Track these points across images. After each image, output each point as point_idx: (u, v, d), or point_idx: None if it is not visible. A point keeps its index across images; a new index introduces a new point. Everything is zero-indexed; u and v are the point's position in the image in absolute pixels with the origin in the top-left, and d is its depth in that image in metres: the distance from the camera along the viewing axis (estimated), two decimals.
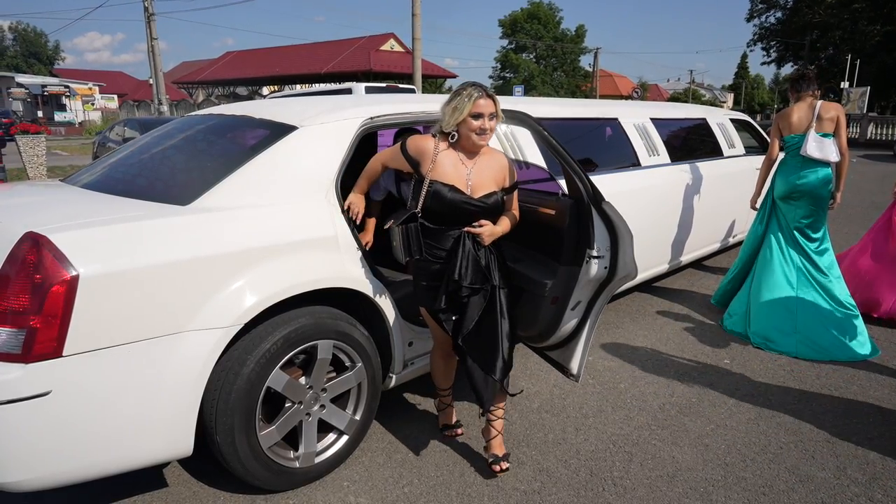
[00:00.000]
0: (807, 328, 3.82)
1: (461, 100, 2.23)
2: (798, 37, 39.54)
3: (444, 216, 2.30)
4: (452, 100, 2.26)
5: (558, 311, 2.69)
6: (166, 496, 2.39)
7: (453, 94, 2.29)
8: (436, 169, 2.27)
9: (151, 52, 22.70)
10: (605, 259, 2.53)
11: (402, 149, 2.35)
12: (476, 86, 2.26)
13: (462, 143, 2.31)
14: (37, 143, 11.20)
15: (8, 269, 1.82)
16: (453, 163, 2.30)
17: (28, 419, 1.80)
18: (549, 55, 49.44)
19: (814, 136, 3.94)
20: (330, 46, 34.14)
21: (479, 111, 2.23)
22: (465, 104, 2.22)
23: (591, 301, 2.66)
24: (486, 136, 2.29)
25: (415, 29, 18.02)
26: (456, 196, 2.27)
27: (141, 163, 2.74)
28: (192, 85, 39.45)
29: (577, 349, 2.69)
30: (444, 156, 2.29)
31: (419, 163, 2.30)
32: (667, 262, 4.64)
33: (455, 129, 2.27)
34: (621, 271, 2.51)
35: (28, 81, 34.07)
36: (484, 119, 2.24)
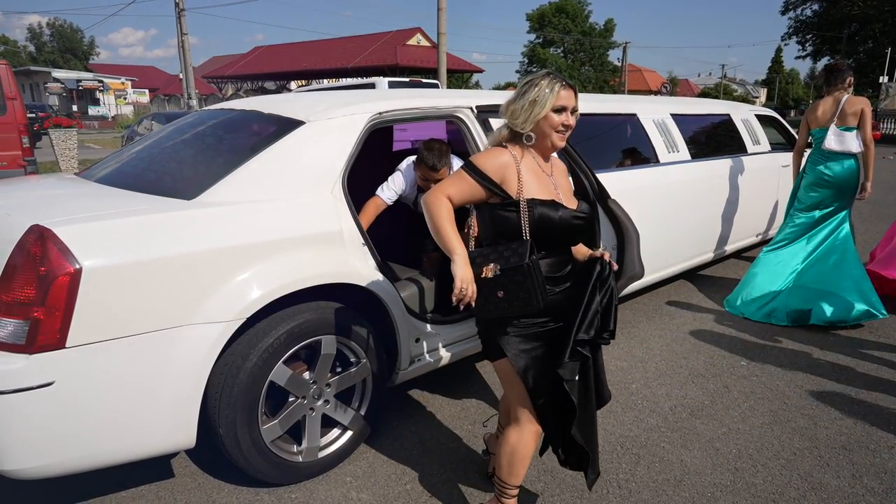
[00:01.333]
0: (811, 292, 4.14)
1: (541, 92, 1.83)
2: (835, 30, 38.40)
3: (548, 241, 1.88)
4: (527, 92, 1.85)
5: None
6: (172, 486, 2.42)
7: (526, 85, 1.88)
8: (525, 185, 1.85)
9: (181, 47, 23.05)
10: (612, 258, 2.48)
11: (473, 173, 1.84)
12: (553, 75, 1.88)
13: (537, 146, 1.92)
14: (68, 136, 11.49)
15: (14, 261, 1.86)
16: (535, 173, 1.89)
17: (32, 409, 1.84)
18: (577, 50, 48.90)
19: (834, 131, 4.10)
20: (357, 41, 34.27)
21: (563, 104, 1.85)
22: (548, 97, 1.83)
23: None
24: (567, 134, 1.92)
25: (440, 23, 17.99)
26: (565, 213, 1.86)
27: (151, 157, 2.78)
28: (222, 79, 39.96)
29: None
30: (524, 166, 1.88)
31: (502, 182, 1.85)
32: (682, 261, 4.54)
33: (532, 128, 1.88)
34: (628, 271, 2.46)
35: (64, 76, 35.00)
36: (567, 113, 1.87)
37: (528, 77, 1.91)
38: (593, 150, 3.84)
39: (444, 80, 18.26)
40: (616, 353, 3.71)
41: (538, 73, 1.89)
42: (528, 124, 1.86)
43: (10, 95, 8.28)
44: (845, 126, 4.07)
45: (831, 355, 3.67)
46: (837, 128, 4.08)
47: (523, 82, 1.91)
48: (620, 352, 3.72)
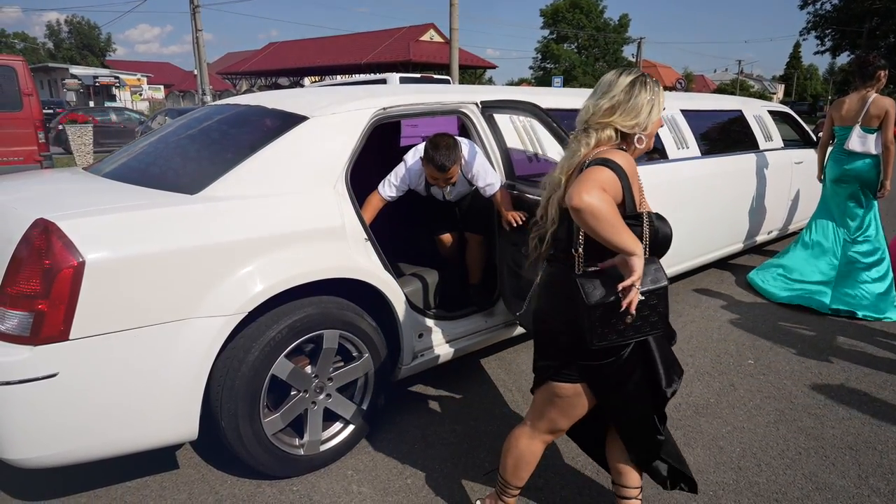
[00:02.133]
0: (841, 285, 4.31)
1: (656, 93, 1.70)
2: (856, 24, 37.75)
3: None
4: (641, 91, 1.68)
5: None
6: (176, 477, 2.45)
7: (636, 84, 1.69)
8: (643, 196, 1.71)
9: (196, 43, 23.22)
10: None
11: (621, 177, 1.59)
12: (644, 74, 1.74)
13: (636, 151, 1.74)
14: (84, 132, 11.64)
15: (19, 255, 1.89)
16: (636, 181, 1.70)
17: (37, 399, 1.87)
18: (591, 45, 48.58)
19: (858, 132, 4.19)
20: (370, 37, 34.29)
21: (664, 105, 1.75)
22: (660, 97, 1.71)
23: None
24: None
25: (452, 19, 17.94)
26: (670, 228, 1.75)
27: (157, 152, 2.80)
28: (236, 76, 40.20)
29: None
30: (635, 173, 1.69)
31: (630, 187, 1.64)
32: (689, 259, 4.50)
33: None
34: None
35: (81, 73, 35.39)
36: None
37: (629, 74, 1.71)
38: None
39: (456, 76, 18.22)
40: None
41: (635, 71, 1.72)
42: (649, 125, 1.71)
43: (26, 91, 8.39)
44: (868, 127, 4.16)
45: (841, 355, 3.62)
46: (861, 128, 4.17)
47: (629, 80, 1.69)
48: None
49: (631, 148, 1.73)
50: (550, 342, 1.83)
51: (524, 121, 3.30)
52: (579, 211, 1.49)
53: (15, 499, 2.31)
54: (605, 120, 1.69)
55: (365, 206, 2.88)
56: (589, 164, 1.63)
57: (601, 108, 1.70)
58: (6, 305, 1.88)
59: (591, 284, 1.59)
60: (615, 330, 1.60)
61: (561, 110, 3.66)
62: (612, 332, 1.61)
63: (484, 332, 3.13)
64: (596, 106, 1.71)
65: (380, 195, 2.98)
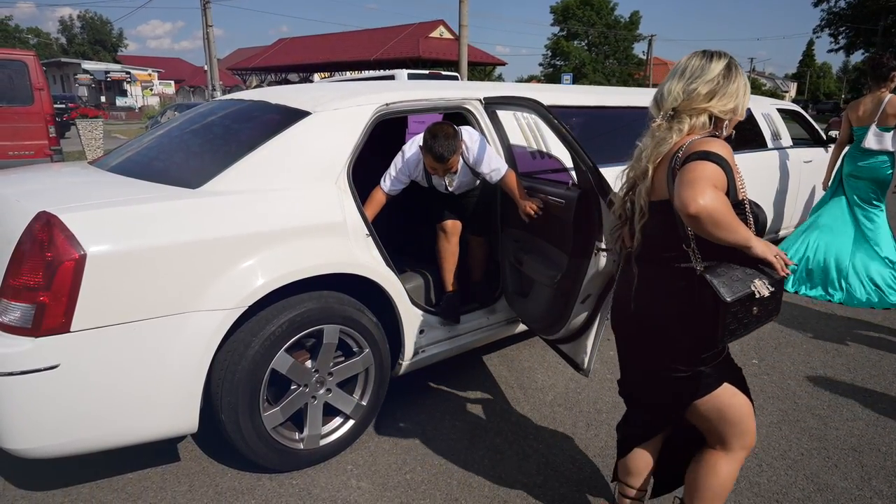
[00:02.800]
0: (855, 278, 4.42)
1: (743, 76, 1.63)
2: (870, 22, 37.30)
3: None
4: (738, 76, 1.61)
5: (567, 303, 2.63)
6: (177, 470, 2.47)
7: (732, 68, 1.62)
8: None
9: (206, 38, 23.31)
10: (615, 252, 2.45)
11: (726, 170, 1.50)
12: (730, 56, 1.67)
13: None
14: (94, 126, 11.73)
15: (22, 247, 1.90)
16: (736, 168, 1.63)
17: (39, 390, 1.89)
18: (601, 42, 48.29)
19: (874, 131, 4.32)
20: (380, 33, 34.30)
21: None
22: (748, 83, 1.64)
23: (601, 294, 2.59)
24: None
25: (462, 15, 17.89)
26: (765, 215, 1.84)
27: (161, 147, 2.82)
28: (246, 71, 40.36)
29: (587, 343, 2.63)
30: None
31: (734, 177, 1.57)
32: None
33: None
34: None
35: (93, 68, 35.68)
36: None
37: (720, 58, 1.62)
38: (601, 144, 3.80)
39: (465, 72, 18.18)
40: None
41: (718, 52, 1.64)
42: (741, 110, 1.64)
43: (37, 86, 8.46)
44: (885, 126, 4.29)
45: (847, 356, 3.59)
46: (878, 128, 4.30)
47: (725, 63, 1.61)
48: None
49: (720, 133, 1.64)
50: (667, 349, 1.67)
51: (528, 118, 3.29)
52: (697, 218, 1.41)
53: (18, 489, 2.34)
54: (702, 105, 1.59)
55: (368, 202, 2.86)
56: (688, 158, 1.51)
57: (698, 93, 1.59)
58: (9, 297, 1.90)
59: (721, 281, 1.51)
60: (742, 324, 1.56)
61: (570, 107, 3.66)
62: (740, 327, 1.57)
63: (486, 329, 3.12)
64: (688, 91, 1.59)
65: (382, 190, 2.92)
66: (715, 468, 1.77)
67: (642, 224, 1.67)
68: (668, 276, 1.63)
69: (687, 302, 1.59)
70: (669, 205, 1.55)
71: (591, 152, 2.45)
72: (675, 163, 1.55)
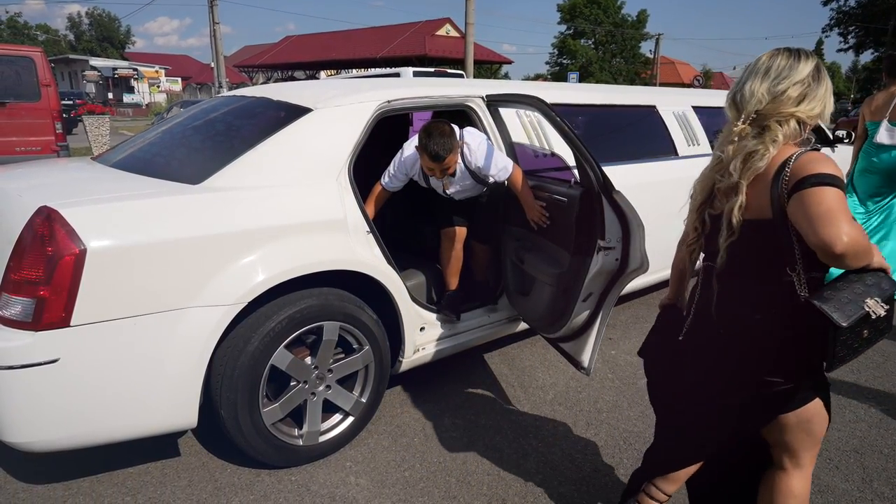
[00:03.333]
0: None
1: (828, 78, 1.49)
2: (881, 21, 36.99)
3: None
4: (825, 77, 1.48)
5: (569, 301, 2.62)
6: (177, 465, 2.48)
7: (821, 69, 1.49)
8: None
9: (213, 36, 23.36)
10: (617, 251, 2.44)
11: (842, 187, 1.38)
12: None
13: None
14: (101, 123, 11.78)
15: (22, 241, 1.91)
16: None
17: (39, 384, 1.90)
18: (608, 41, 48.11)
19: (886, 126, 4.35)
20: (386, 31, 34.27)
21: None
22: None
23: (603, 293, 2.58)
24: None
25: (468, 13, 17.87)
26: None
27: (163, 143, 2.83)
28: (253, 68, 40.41)
29: (588, 342, 2.62)
30: None
31: None
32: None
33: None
34: (632, 264, 2.42)
35: (100, 64, 35.83)
36: None
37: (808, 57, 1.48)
38: (609, 143, 3.80)
39: (471, 70, 18.15)
40: (626, 347, 3.66)
41: (802, 50, 1.49)
42: (826, 117, 1.51)
43: (44, 82, 8.50)
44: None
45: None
46: (889, 123, 4.33)
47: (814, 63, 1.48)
48: (631, 346, 3.67)
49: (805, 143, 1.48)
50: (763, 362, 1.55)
51: (531, 116, 3.28)
52: (843, 256, 1.30)
53: (20, 482, 2.35)
54: (790, 110, 1.45)
55: (369, 197, 2.87)
56: (803, 182, 1.36)
57: (788, 95, 1.44)
58: (9, 291, 1.90)
59: (832, 306, 1.39)
60: (851, 348, 1.44)
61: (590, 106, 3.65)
62: (849, 353, 1.45)
63: (487, 328, 3.12)
64: (775, 92, 1.45)
65: (382, 185, 2.92)
66: (792, 490, 1.68)
67: (729, 242, 1.51)
68: (764, 294, 1.51)
69: (790, 326, 1.47)
70: (770, 225, 1.44)
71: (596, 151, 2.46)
72: (782, 184, 1.41)
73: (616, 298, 2.56)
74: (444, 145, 2.63)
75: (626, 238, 2.41)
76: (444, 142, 2.63)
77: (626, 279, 2.47)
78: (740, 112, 1.50)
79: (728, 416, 1.65)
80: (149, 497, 2.28)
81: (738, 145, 1.49)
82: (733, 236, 1.50)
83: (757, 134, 1.47)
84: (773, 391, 1.54)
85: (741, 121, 1.49)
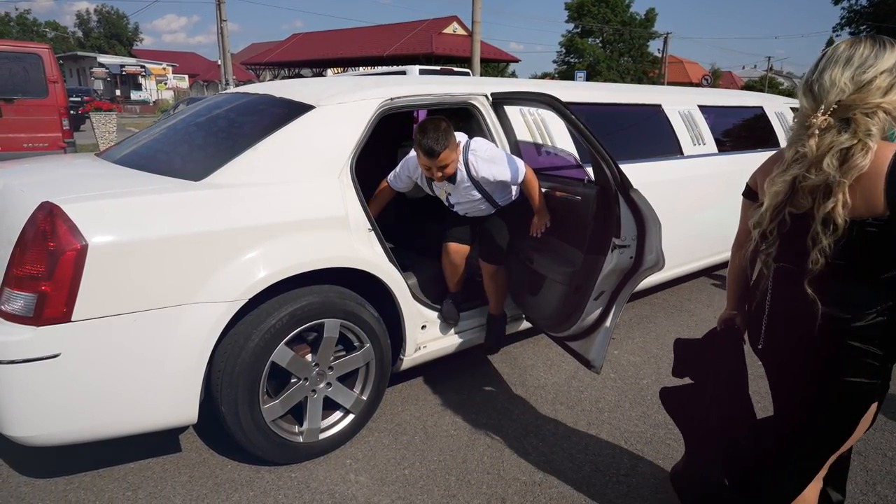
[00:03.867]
0: None
1: None
2: (893, 20, 36.70)
3: None
4: None
5: (580, 299, 2.61)
6: (178, 460, 2.49)
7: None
8: None
9: (220, 33, 23.40)
10: (632, 249, 2.43)
11: None
12: None
13: None
14: (108, 119, 11.83)
15: (25, 237, 1.92)
16: None
17: (40, 378, 1.91)
18: (616, 40, 47.93)
19: None
20: (393, 29, 34.27)
21: None
22: None
23: (615, 291, 2.56)
24: None
25: (475, 12, 17.83)
26: None
27: (165, 140, 2.83)
28: (260, 66, 40.50)
29: (598, 340, 2.61)
30: None
31: None
32: (704, 258, 4.43)
33: None
34: (648, 262, 2.41)
35: (108, 61, 36.04)
36: None
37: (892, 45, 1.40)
38: (613, 141, 3.78)
39: (477, 69, 18.11)
40: (629, 347, 3.65)
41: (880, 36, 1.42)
42: None
43: (51, 79, 8.54)
44: None
45: None
46: None
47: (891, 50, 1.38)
48: (634, 346, 3.66)
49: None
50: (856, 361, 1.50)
51: (535, 114, 3.27)
52: None
53: (22, 475, 2.36)
54: (877, 101, 1.36)
55: (374, 194, 2.86)
56: None
57: (877, 86, 1.35)
58: (12, 286, 1.91)
59: None
60: None
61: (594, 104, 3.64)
62: None
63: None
64: (860, 82, 1.36)
65: (388, 183, 2.89)
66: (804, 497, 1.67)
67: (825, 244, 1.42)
68: (864, 294, 1.46)
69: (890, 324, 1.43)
70: (883, 224, 1.37)
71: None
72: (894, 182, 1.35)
73: (628, 296, 2.54)
74: (439, 140, 2.47)
75: (641, 236, 2.40)
76: (439, 136, 2.47)
77: (640, 277, 2.46)
78: (818, 102, 1.40)
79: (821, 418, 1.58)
80: (149, 492, 2.29)
81: (822, 139, 1.39)
82: (835, 235, 1.41)
83: (843, 128, 1.38)
84: (861, 391, 1.49)
85: (821, 112, 1.39)
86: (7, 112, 8.29)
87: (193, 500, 2.25)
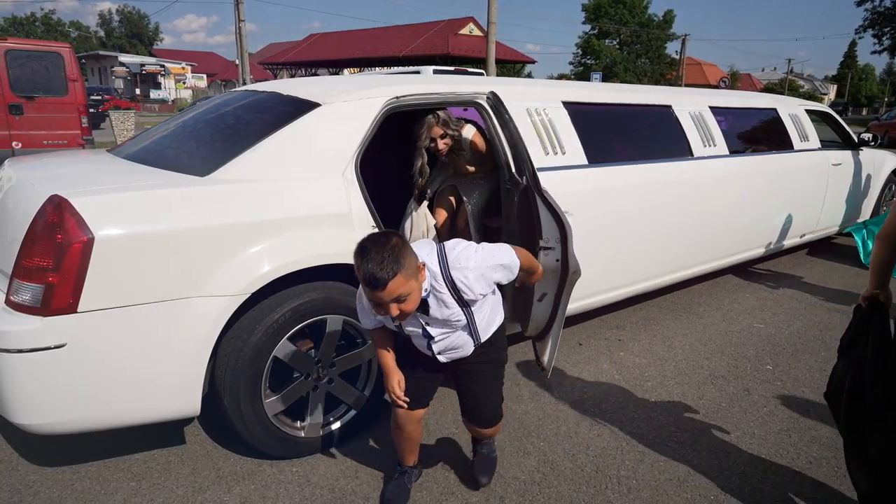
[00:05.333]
0: None
1: None
2: None
3: None
4: None
5: (526, 301, 2.65)
6: (181, 452, 2.52)
7: None
8: None
9: (238, 33, 23.63)
10: (556, 251, 2.45)
11: None
12: None
13: None
14: (126, 117, 12.03)
15: (34, 229, 1.96)
16: None
17: (46, 368, 1.95)
18: (633, 41, 47.60)
19: None
20: (409, 30, 34.36)
21: None
22: None
23: (557, 293, 2.59)
24: None
25: (490, 12, 17.82)
26: None
27: (174, 136, 2.87)
28: (277, 66, 40.82)
29: (549, 343, 2.66)
30: None
31: None
32: (714, 260, 4.39)
33: None
34: (573, 266, 2.44)
35: (129, 61, 36.57)
36: None
37: None
38: (622, 142, 3.76)
39: (492, 70, 18.10)
40: (635, 349, 3.63)
41: None
42: None
43: (71, 77, 8.70)
44: None
45: None
46: None
47: None
48: (640, 348, 3.64)
49: None
50: None
51: (541, 113, 3.26)
52: None
53: (31, 464, 2.41)
54: None
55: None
56: None
57: None
58: (20, 277, 1.96)
59: None
60: None
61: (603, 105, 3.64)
62: None
63: None
64: None
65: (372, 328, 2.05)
66: None
67: None
68: None
69: None
70: None
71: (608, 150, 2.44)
72: None
73: (568, 300, 2.58)
74: (384, 263, 1.61)
75: (564, 240, 2.43)
76: (384, 258, 1.61)
77: (572, 281, 2.48)
78: None
79: None
80: (153, 483, 2.32)
81: None
82: None
83: None
84: None
85: None
86: (28, 110, 8.46)
87: (196, 491, 2.28)
